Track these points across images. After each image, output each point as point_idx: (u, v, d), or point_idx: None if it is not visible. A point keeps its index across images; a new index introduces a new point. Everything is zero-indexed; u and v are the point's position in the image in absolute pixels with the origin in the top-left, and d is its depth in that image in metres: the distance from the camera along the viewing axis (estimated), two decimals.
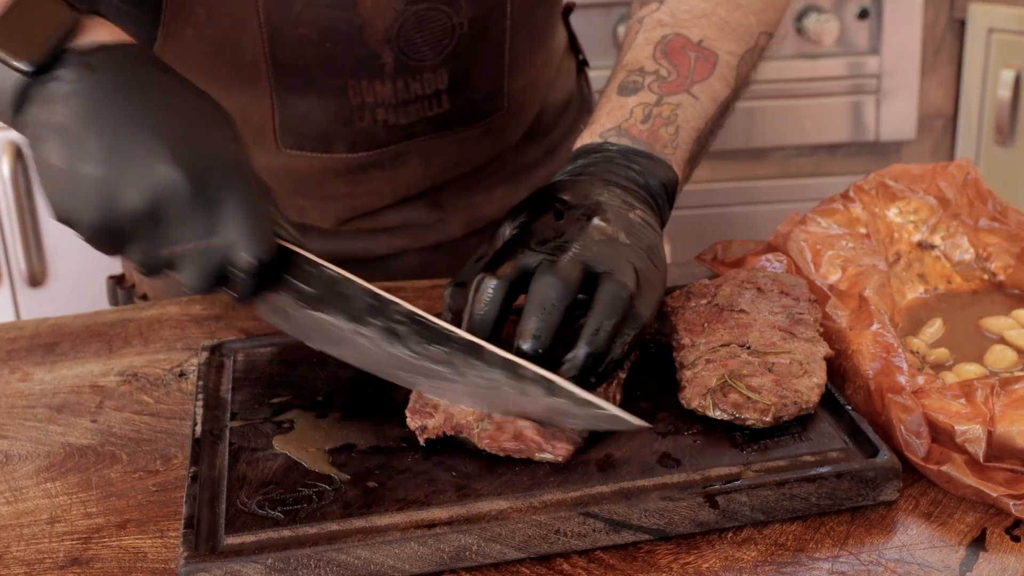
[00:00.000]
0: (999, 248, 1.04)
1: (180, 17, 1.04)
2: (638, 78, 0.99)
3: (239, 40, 1.04)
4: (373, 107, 1.09)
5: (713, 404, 0.82)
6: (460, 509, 0.75)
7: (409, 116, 1.10)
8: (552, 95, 1.28)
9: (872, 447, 0.79)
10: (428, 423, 0.81)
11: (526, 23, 1.13)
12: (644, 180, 0.94)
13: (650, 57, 1.00)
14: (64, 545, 0.78)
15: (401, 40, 1.05)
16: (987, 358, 0.93)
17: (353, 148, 1.12)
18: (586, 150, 0.97)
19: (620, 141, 0.96)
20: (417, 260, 1.23)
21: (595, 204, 0.88)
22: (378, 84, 1.07)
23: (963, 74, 2.25)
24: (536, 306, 0.80)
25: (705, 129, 0.99)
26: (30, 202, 2.06)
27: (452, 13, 1.05)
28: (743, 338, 0.87)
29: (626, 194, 0.91)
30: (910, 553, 0.74)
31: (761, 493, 0.76)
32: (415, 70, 1.07)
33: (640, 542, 0.75)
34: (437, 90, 1.10)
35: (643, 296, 0.83)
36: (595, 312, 0.81)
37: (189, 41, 1.06)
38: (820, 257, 0.97)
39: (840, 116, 2.24)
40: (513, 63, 1.14)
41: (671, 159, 0.96)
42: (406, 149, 1.13)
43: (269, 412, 0.87)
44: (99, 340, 1.06)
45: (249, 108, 1.09)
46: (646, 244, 0.87)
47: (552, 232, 0.85)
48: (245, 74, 1.06)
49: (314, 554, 0.72)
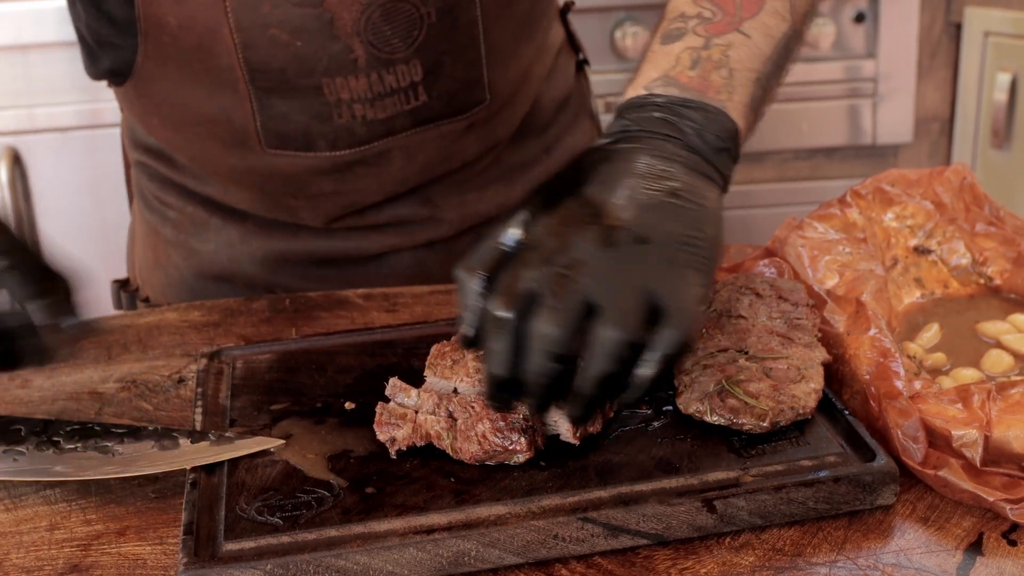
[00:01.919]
0: (995, 253, 1.04)
1: (156, 27, 1.06)
2: (680, 24, 0.90)
3: (212, 46, 1.05)
4: (350, 103, 1.09)
5: (711, 409, 0.82)
6: (459, 515, 0.75)
7: (387, 110, 1.10)
8: (547, 91, 1.28)
9: (869, 452, 0.79)
10: (396, 435, 0.81)
11: (502, 14, 1.13)
12: (698, 138, 0.84)
13: (689, 1, 0.91)
14: (64, 552, 0.78)
15: (370, 32, 1.05)
16: (984, 362, 0.93)
17: (335, 146, 1.12)
18: (630, 105, 0.87)
19: (667, 91, 0.86)
20: (410, 259, 1.22)
21: (616, 198, 0.78)
22: (352, 79, 1.07)
23: (959, 77, 2.25)
24: (538, 354, 0.74)
25: (765, 71, 0.89)
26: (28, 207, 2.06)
27: (418, 3, 1.06)
28: (741, 343, 0.88)
29: (669, 163, 0.81)
30: (907, 557, 0.74)
31: (759, 498, 0.76)
32: (387, 62, 1.08)
33: (638, 547, 0.76)
34: (412, 82, 1.10)
35: (668, 320, 0.74)
36: (582, 369, 0.74)
37: (167, 48, 1.07)
38: (817, 262, 0.98)
39: (837, 120, 2.24)
40: (492, 54, 1.14)
41: (726, 105, 0.86)
42: (389, 145, 1.14)
43: (268, 419, 0.87)
44: (98, 347, 1.06)
45: (232, 111, 1.10)
46: (679, 235, 0.77)
47: (558, 243, 0.76)
48: (223, 78, 1.07)
49: (313, 560, 0.72)
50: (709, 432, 0.82)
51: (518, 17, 1.17)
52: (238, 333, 1.07)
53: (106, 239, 2.01)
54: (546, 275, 0.74)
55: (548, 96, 1.28)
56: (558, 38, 1.31)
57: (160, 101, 1.14)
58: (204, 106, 1.11)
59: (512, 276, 0.75)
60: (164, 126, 1.16)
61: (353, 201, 1.18)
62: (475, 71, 1.14)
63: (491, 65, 1.15)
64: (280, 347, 0.98)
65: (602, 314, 0.73)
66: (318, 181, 1.15)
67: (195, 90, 1.10)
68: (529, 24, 1.20)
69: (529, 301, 0.74)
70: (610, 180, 0.80)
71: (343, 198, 1.18)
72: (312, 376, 0.93)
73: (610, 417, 0.84)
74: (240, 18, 1.03)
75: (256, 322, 1.09)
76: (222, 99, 1.09)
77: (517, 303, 0.74)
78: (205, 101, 1.10)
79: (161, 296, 1.27)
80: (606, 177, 0.80)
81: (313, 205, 1.18)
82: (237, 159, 1.13)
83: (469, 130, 1.18)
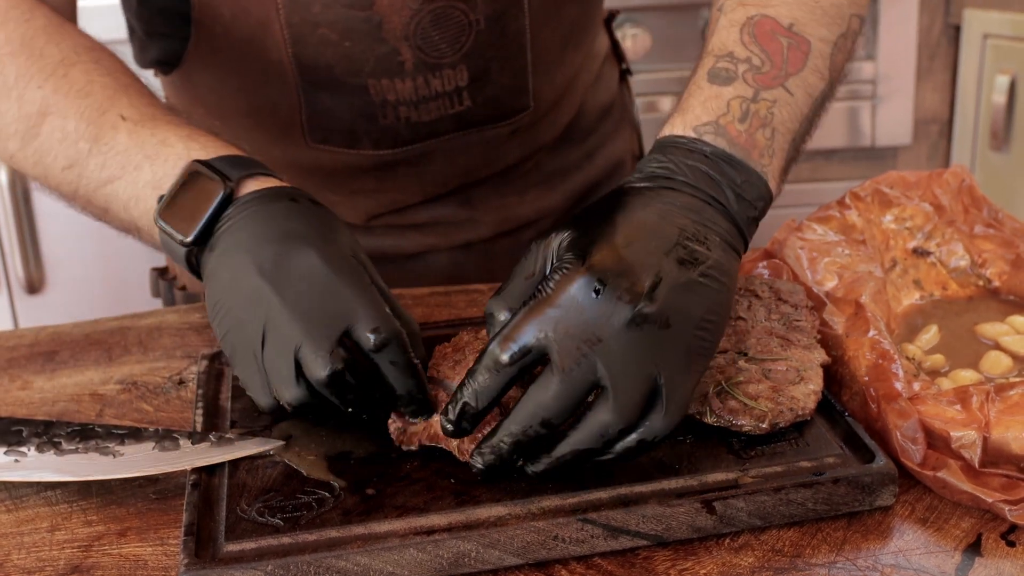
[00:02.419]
0: (994, 254, 1.04)
1: (209, 17, 1.07)
2: (729, 65, 0.87)
3: (263, 39, 1.06)
4: (395, 105, 1.10)
5: (710, 411, 0.82)
6: (459, 515, 0.75)
7: (431, 113, 1.11)
8: (592, 99, 1.28)
9: (868, 453, 0.79)
10: (408, 429, 0.81)
11: (549, 22, 1.13)
12: (737, 202, 0.82)
13: (738, 41, 0.88)
14: (65, 553, 0.78)
15: (419, 37, 1.06)
16: (982, 364, 0.93)
17: (379, 145, 1.13)
18: (676, 145, 0.84)
19: (717, 142, 0.83)
20: (447, 259, 1.23)
21: (650, 270, 0.75)
22: (398, 82, 1.08)
23: (958, 79, 2.26)
24: (527, 416, 0.74)
25: (800, 131, 0.88)
26: (27, 209, 2.07)
27: (468, 10, 1.06)
28: (740, 345, 0.88)
29: (707, 232, 0.80)
30: (906, 558, 0.74)
31: (758, 499, 0.76)
32: (434, 67, 1.08)
33: (638, 548, 0.76)
34: (457, 87, 1.10)
35: (662, 409, 0.74)
36: (569, 437, 0.75)
37: (219, 39, 1.08)
38: (816, 264, 0.98)
39: (836, 121, 2.24)
40: (538, 62, 1.14)
41: (767, 171, 0.84)
42: (432, 147, 1.14)
43: (268, 420, 0.87)
44: (98, 348, 1.06)
45: (278, 103, 1.11)
46: (699, 319, 0.76)
47: (585, 315, 0.73)
48: (272, 71, 1.09)
49: (314, 561, 0.72)
50: (708, 433, 0.82)
51: (566, 26, 1.17)
52: None
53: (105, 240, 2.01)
54: (563, 343, 0.73)
55: (592, 104, 1.28)
56: (603, 46, 1.31)
57: (207, 91, 1.15)
58: (251, 97, 1.12)
59: (529, 325, 0.74)
60: (209, 116, 1.16)
61: (393, 200, 1.19)
62: (521, 78, 1.14)
63: (537, 73, 1.15)
64: None
65: (606, 398, 0.73)
66: (360, 178, 1.16)
67: (243, 81, 1.11)
68: (576, 33, 1.20)
69: (536, 356, 0.74)
70: (649, 241, 0.77)
71: (384, 196, 1.18)
72: None
73: None
74: (290, 15, 1.04)
75: None
76: (270, 91, 1.10)
77: (521, 354, 0.74)
78: (252, 93, 1.12)
79: (197, 286, 1.27)
80: (645, 236, 0.78)
81: (353, 201, 1.18)
82: (280, 152, 1.14)
83: (512, 135, 1.18)
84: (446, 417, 0.76)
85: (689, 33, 2.18)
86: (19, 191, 2.05)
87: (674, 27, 2.19)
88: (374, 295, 0.81)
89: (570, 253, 0.76)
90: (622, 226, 0.78)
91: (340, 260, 0.82)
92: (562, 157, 1.26)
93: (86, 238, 2.04)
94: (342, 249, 0.83)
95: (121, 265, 2.08)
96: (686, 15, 2.18)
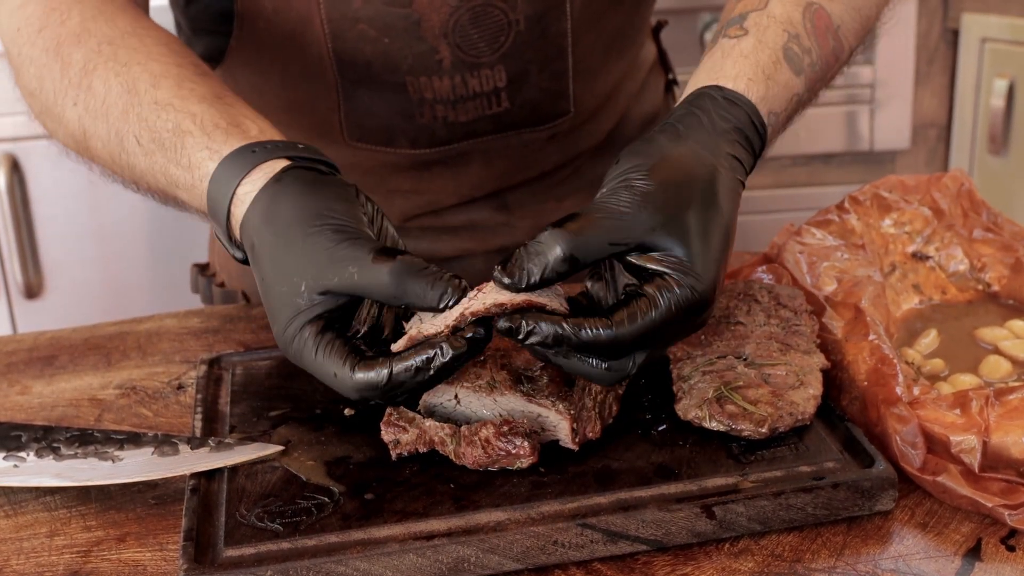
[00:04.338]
0: (993, 258, 1.05)
1: (252, 12, 1.08)
2: (799, 51, 0.92)
3: (304, 34, 1.07)
4: (432, 103, 1.10)
5: (710, 415, 0.82)
6: (458, 520, 0.75)
7: (468, 113, 1.11)
8: (636, 108, 1.27)
9: (868, 458, 0.79)
10: (401, 437, 0.81)
11: (592, 27, 1.13)
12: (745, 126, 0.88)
13: (802, 24, 0.93)
14: (64, 558, 0.78)
15: (457, 35, 1.06)
16: (982, 368, 0.93)
17: (415, 144, 1.13)
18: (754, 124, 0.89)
19: (770, 137, 0.91)
20: (482, 264, 1.22)
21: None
22: (436, 80, 1.08)
23: (956, 84, 2.26)
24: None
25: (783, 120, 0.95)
26: (26, 213, 2.06)
27: (507, 9, 1.06)
28: (740, 350, 0.88)
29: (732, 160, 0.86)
30: (906, 563, 0.74)
31: (758, 504, 0.76)
32: (472, 66, 1.08)
33: (637, 553, 0.76)
34: (496, 87, 1.10)
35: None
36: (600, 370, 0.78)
37: (261, 34, 1.09)
38: (816, 268, 0.98)
39: (834, 126, 2.24)
40: (579, 67, 1.14)
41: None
42: (469, 148, 1.14)
43: (267, 425, 0.87)
44: (97, 353, 1.06)
45: (317, 100, 1.12)
46: (693, 327, 0.80)
47: (603, 335, 0.76)
48: (312, 67, 1.09)
49: (313, 566, 0.72)
50: (708, 438, 0.82)
51: (609, 32, 1.17)
52: (238, 339, 1.07)
53: (104, 245, 2.01)
54: (558, 352, 0.77)
55: (636, 112, 1.28)
56: (650, 55, 1.31)
57: (248, 88, 1.15)
58: (291, 93, 1.13)
59: (533, 319, 0.77)
60: None
61: (429, 201, 1.19)
62: (561, 82, 1.14)
63: (578, 78, 1.15)
64: (280, 353, 0.97)
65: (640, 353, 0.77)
66: (396, 177, 1.16)
67: (283, 78, 1.12)
68: (620, 40, 1.20)
69: (531, 345, 0.77)
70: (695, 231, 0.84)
71: (419, 197, 1.18)
72: (311, 382, 0.93)
73: (609, 424, 0.84)
74: (330, 10, 1.05)
75: (255, 328, 1.09)
76: (309, 88, 1.11)
77: (516, 335, 0.76)
78: (292, 89, 1.12)
79: (236, 282, 1.28)
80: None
81: (390, 202, 1.18)
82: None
83: (551, 140, 1.18)
84: (502, 266, 0.80)
85: (688, 38, 2.18)
86: (18, 195, 2.05)
87: (674, 30, 2.19)
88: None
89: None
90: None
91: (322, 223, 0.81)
92: (603, 165, 1.25)
93: (85, 243, 2.04)
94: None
95: (120, 270, 2.08)
96: (686, 17, 2.18)
